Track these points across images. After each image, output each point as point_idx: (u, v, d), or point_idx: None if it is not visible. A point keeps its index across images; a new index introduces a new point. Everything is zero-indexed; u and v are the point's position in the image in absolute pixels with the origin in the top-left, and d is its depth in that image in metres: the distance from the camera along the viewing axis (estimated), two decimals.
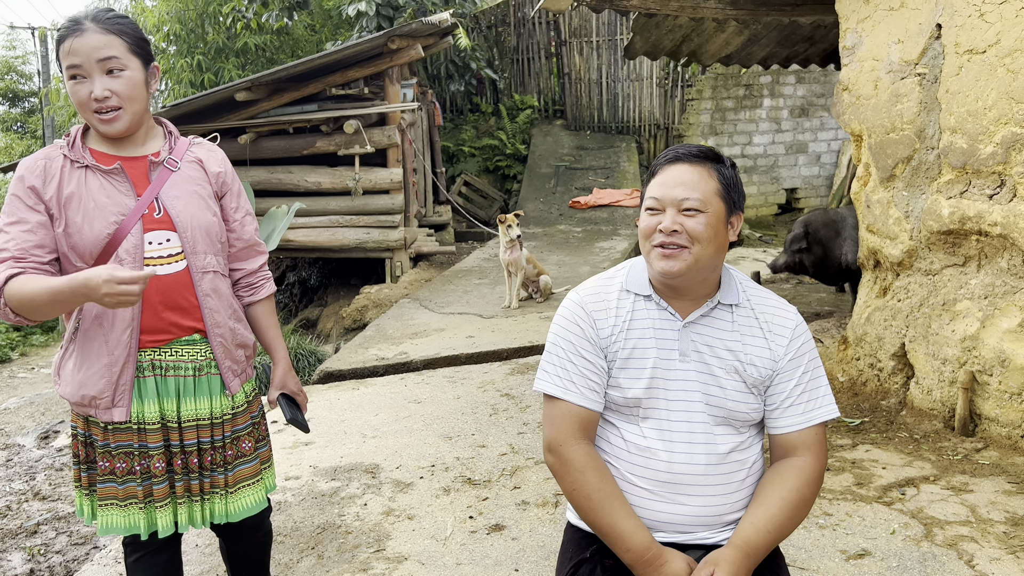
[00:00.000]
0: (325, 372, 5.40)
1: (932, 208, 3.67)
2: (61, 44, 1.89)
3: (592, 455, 1.74)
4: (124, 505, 1.98)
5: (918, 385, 3.81)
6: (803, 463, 1.73)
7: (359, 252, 8.65)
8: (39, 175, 1.91)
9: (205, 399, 2.02)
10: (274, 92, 8.12)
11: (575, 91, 13.72)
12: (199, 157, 2.10)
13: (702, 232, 1.67)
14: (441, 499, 3.39)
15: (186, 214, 1.99)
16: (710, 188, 1.70)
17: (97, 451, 1.99)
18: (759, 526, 1.67)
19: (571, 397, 1.75)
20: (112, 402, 1.93)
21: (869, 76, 3.99)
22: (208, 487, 2.04)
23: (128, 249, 1.91)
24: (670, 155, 1.74)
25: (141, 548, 2.08)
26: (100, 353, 1.92)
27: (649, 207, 1.73)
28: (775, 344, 1.74)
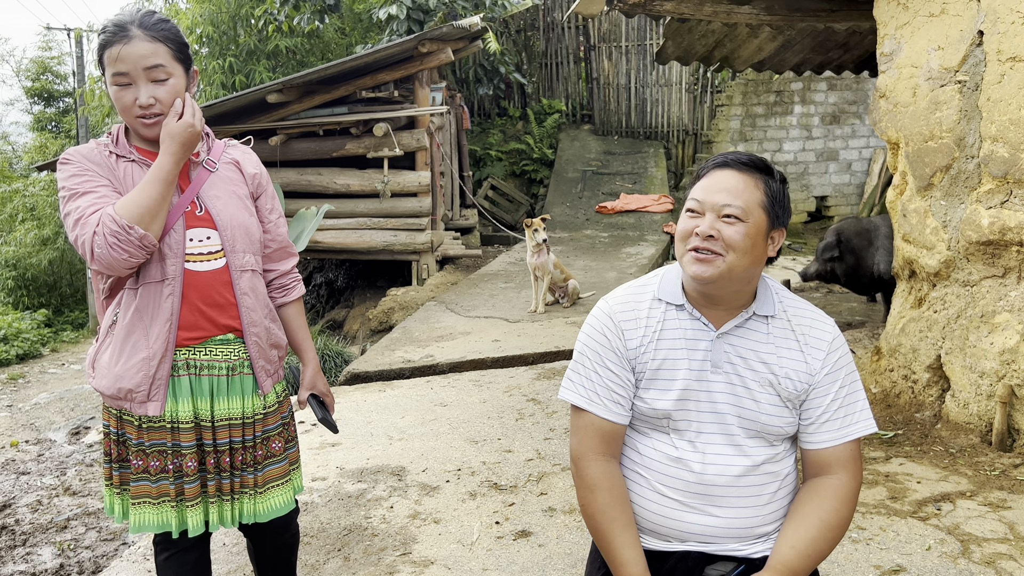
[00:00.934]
0: (352, 373, 5.42)
1: (971, 218, 3.59)
2: (107, 49, 1.90)
3: (606, 474, 1.73)
4: (157, 503, 1.99)
5: (954, 398, 3.74)
6: (840, 482, 1.69)
7: (386, 254, 8.69)
8: (96, 161, 1.96)
9: (237, 399, 2.03)
10: (305, 94, 8.19)
11: (603, 96, 13.69)
12: (235, 159, 2.13)
13: (739, 241, 1.63)
14: (467, 503, 3.38)
15: (226, 213, 2.02)
16: (754, 198, 1.66)
17: (131, 450, 1.99)
18: (800, 550, 1.63)
19: (595, 409, 1.74)
20: (148, 396, 1.94)
21: (907, 83, 3.93)
22: (238, 487, 2.05)
23: (171, 244, 1.93)
24: (719, 160, 1.71)
25: (171, 547, 2.09)
26: (139, 346, 1.94)
27: (690, 208, 1.70)
28: (811, 357, 1.70)
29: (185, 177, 2.01)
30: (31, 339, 12.14)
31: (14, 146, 24.09)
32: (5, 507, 4.07)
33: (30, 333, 12.40)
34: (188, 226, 1.97)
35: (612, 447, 1.76)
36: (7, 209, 17.05)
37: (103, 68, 1.92)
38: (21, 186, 17.60)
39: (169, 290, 1.93)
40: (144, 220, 1.85)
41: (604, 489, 1.71)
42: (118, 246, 1.84)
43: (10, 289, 15.38)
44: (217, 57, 11.82)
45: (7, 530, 3.77)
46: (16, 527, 3.81)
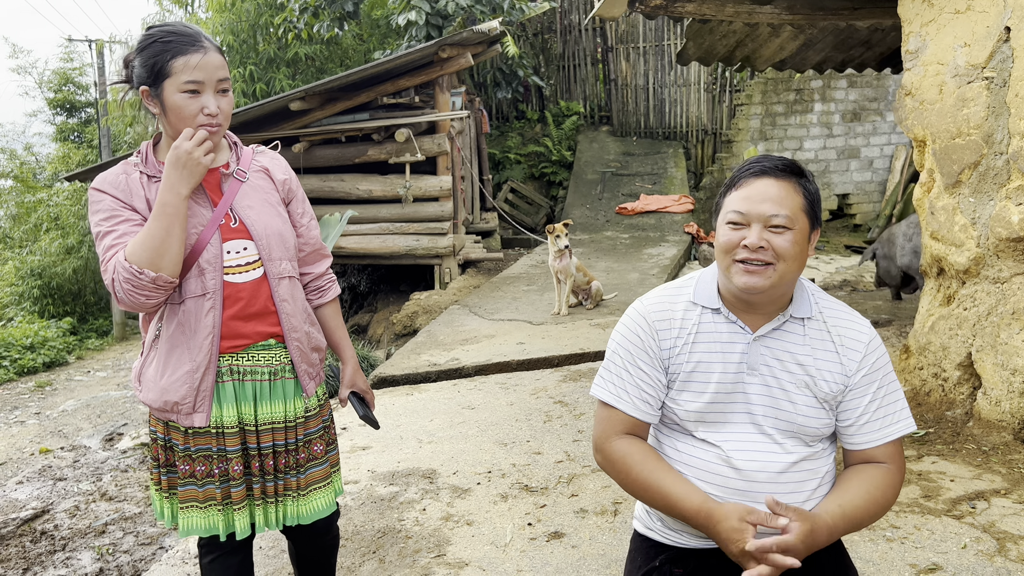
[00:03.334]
0: (379, 377, 5.46)
1: (1001, 215, 3.58)
2: (178, 57, 1.90)
3: (631, 444, 1.75)
4: (204, 507, 2.03)
5: (986, 396, 3.72)
6: (885, 467, 1.72)
7: (409, 259, 8.74)
8: (123, 190, 1.97)
9: (280, 403, 2.06)
10: (327, 101, 8.26)
11: (621, 97, 13.69)
12: (264, 166, 2.15)
13: (789, 250, 1.64)
14: (499, 505, 3.40)
15: (260, 223, 2.04)
16: (797, 204, 1.67)
17: (178, 455, 2.04)
18: (847, 511, 1.65)
19: (623, 406, 1.77)
20: (193, 407, 1.98)
21: (933, 80, 3.92)
22: (282, 489, 2.09)
23: (208, 259, 1.97)
24: (755, 168, 1.70)
25: (216, 549, 2.13)
26: (182, 360, 1.97)
27: (733, 221, 1.68)
28: (847, 359, 1.71)
29: (217, 190, 2.03)
30: (57, 347, 12.31)
31: (37, 157, 24.42)
32: (44, 512, 4.15)
33: (56, 341, 12.57)
34: (224, 239, 1.99)
35: (637, 433, 1.79)
36: (32, 219, 17.30)
37: (162, 76, 1.91)
38: (45, 196, 17.85)
39: (210, 304, 1.96)
40: (154, 261, 1.86)
41: (634, 452, 1.73)
42: (134, 292, 1.88)
43: (36, 298, 15.59)
44: (238, 66, 11.95)
45: (47, 535, 3.84)
46: (55, 532, 3.88)
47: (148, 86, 1.93)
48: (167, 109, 1.93)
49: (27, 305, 15.63)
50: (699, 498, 1.66)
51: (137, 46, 1.95)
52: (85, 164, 17.29)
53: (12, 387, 9.86)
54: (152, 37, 1.93)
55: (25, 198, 18.03)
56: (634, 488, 1.74)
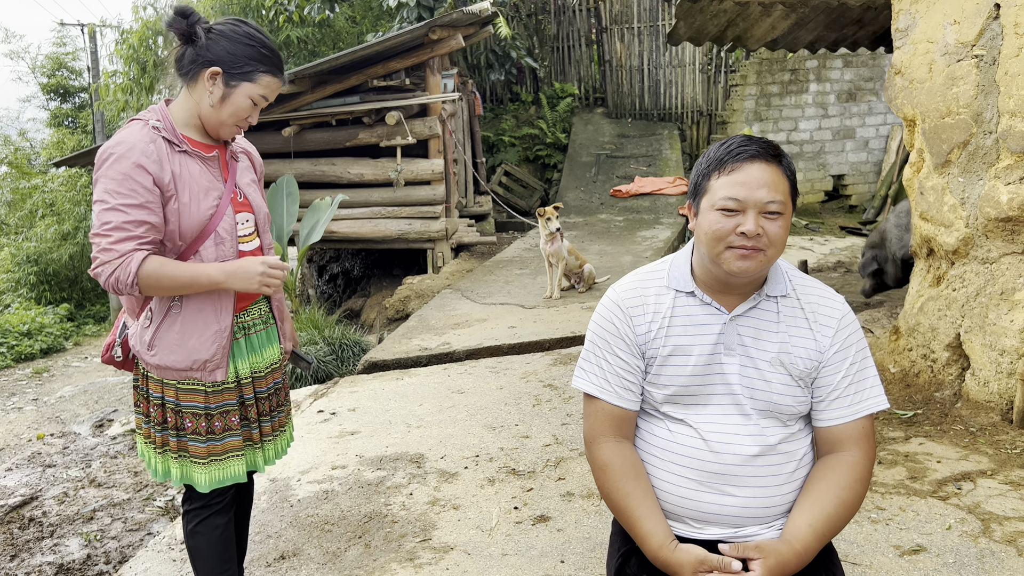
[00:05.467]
0: (369, 362, 5.45)
1: (990, 194, 3.55)
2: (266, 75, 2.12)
3: (616, 453, 1.75)
4: (223, 459, 2.23)
5: (974, 377, 3.71)
6: (853, 459, 1.69)
7: (401, 243, 8.71)
8: (154, 160, 2.04)
9: (272, 346, 2.38)
10: (317, 84, 8.20)
11: (616, 78, 13.60)
12: (246, 150, 2.37)
13: (781, 235, 1.65)
14: (486, 489, 3.40)
15: (257, 199, 2.31)
16: (786, 188, 1.67)
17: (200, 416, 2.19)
18: (817, 528, 1.63)
19: (606, 396, 1.77)
20: (218, 364, 2.18)
21: (923, 59, 3.88)
22: (277, 426, 2.41)
23: (227, 228, 2.16)
24: (747, 152, 1.65)
25: (203, 511, 2.28)
26: (209, 322, 2.16)
27: (726, 208, 1.64)
28: (820, 335, 1.71)
29: (226, 167, 2.23)
30: (54, 333, 12.30)
31: (32, 142, 24.27)
32: (32, 499, 4.15)
33: (53, 328, 12.56)
34: (235, 211, 2.21)
35: (624, 430, 1.79)
36: (27, 205, 17.24)
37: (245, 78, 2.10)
38: (40, 182, 17.78)
39: None
40: (151, 289, 2.05)
41: (616, 467, 1.73)
42: (115, 287, 2.03)
43: (32, 284, 15.57)
44: None
45: (35, 522, 3.84)
46: (43, 519, 3.88)
47: (225, 72, 2.08)
48: (227, 102, 2.10)
49: (24, 292, 15.61)
50: (658, 541, 1.67)
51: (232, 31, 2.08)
52: (78, 149, 17.18)
53: (10, 374, 9.86)
54: (256, 39, 2.11)
55: (20, 184, 17.95)
56: (607, 501, 1.77)
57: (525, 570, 2.75)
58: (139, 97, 13.13)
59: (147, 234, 2.02)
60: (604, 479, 1.75)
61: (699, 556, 1.60)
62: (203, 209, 2.11)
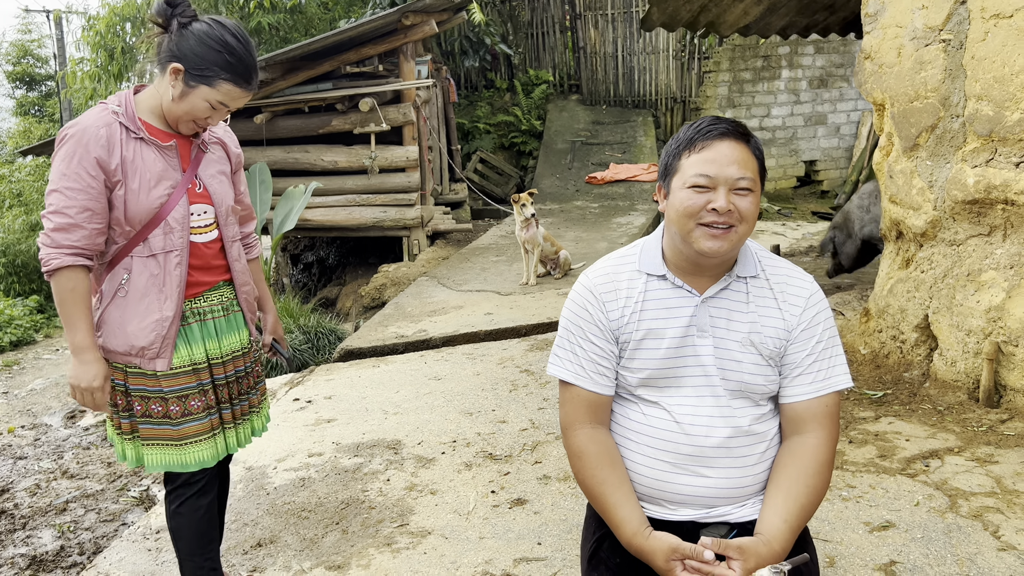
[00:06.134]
0: (346, 350, 5.43)
1: (957, 177, 3.61)
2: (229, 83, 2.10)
3: (592, 440, 1.76)
4: (180, 444, 2.23)
5: (942, 357, 3.78)
6: (818, 441, 1.70)
7: (376, 231, 8.66)
8: (103, 145, 2.05)
9: (235, 333, 2.36)
10: (289, 71, 8.11)
11: (590, 65, 13.60)
12: (221, 139, 2.37)
13: (751, 211, 1.66)
14: (463, 474, 3.41)
15: (220, 192, 2.29)
16: (755, 166, 1.68)
17: (150, 399, 2.21)
18: (791, 522, 1.64)
19: (581, 383, 1.78)
20: (158, 353, 2.18)
21: (892, 43, 3.92)
22: (247, 409, 2.42)
23: (177, 218, 2.16)
24: (715, 130, 1.67)
25: (185, 492, 2.30)
26: (151, 309, 2.16)
27: (698, 185, 1.65)
28: (788, 314, 1.72)
29: (187, 156, 2.22)
30: (24, 325, 12.08)
31: None
32: (3, 492, 4.09)
33: (23, 320, 12.34)
34: (190, 202, 2.20)
35: (599, 415, 1.80)
36: None
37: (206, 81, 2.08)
38: (7, 172, 17.43)
39: (177, 260, 2.17)
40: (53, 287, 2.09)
41: (591, 454, 1.74)
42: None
43: (1, 276, 15.29)
44: None
45: (6, 514, 3.79)
46: (15, 511, 3.83)
47: (187, 71, 2.07)
48: (184, 100, 2.10)
49: None
50: (632, 528, 1.67)
51: (206, 33, 2.06)
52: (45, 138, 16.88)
53: None
54: (225, 45, 2.08)
55: None
56: (583, 488, 1.78)
57: (502, 552, 2.77)
58: (107, 85, 12.90)
59: (87, 223, 2.04)
60: (580, 466, 1.76)
61: (672, 544, 1.61)
62: (153, 197, 2.11)
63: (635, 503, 1.71)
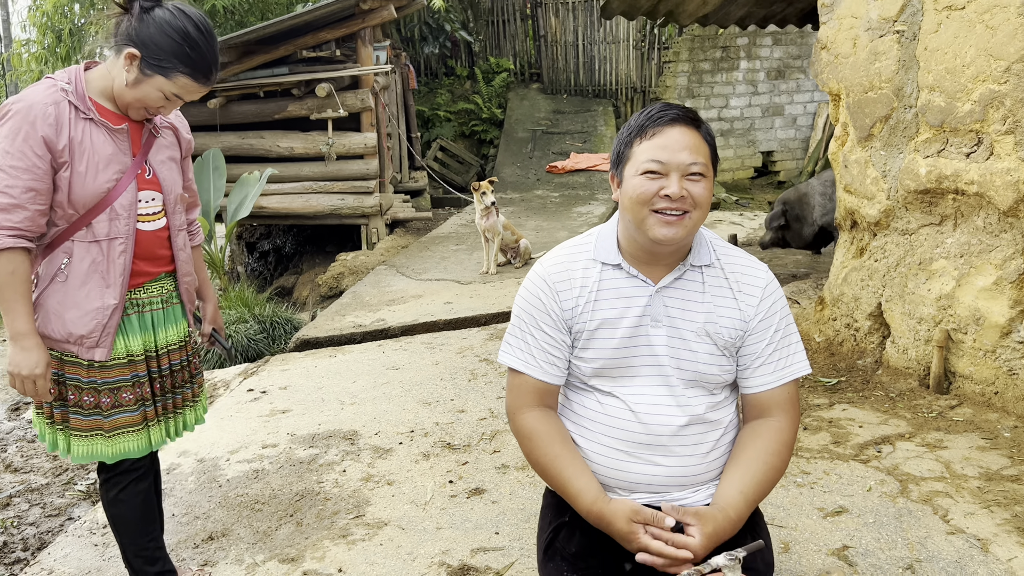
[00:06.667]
0: (302, 340, 5.35)
1: (909, 167, 3.66)
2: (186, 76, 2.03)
3: (540, 419, 1.76)
4: (110, 435, 2.18)
5: (894, 344, 3.84)
6: (779, 424, 1.73)
7: (334, 219, 8.54)
8: (51, 124, 1.97)
9: (173, 326, 2.31)
10: (244, 55, 7.93)
11: (551, 54, 13.57)
12: (173, 124, 2.30)
13: (704, 197, 1.65)
14: (420, 464, 3.38)
15: (169, 179, 2.23)
16: (707, 152, 1.68)
17: (83, 390, 2.15)
18: (748, 494, 1.66)
19: (531, 371, 1.78)
20: (97, 342, 2.11)
21: (848, 34, 3.96)
22: (180, 402, 2.37)
23: (124, 205, 2.09)
24: (665, 116, 1.67)
25: (123, 479, 2.27)
26: (92, 297, 2.09)
27: (650, 171, 1.64)
28: (745, 304, 1.73)
29: (139, 141, 2.15)
30: None
31: None
32: None
33: None
34: (139, 188, 2.13)
35: (547, 400, 1.81)
36: None
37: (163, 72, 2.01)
38: None
39: (122, 248, 2.10)
40: None
41: (542, 433, 1.75)
42: None
43: None
44: None
45: None
46: None
47: (143, 59, 2.00)
48: (138, 88, 2.03)
49: None
50: (591, 496, 1.67)
51: (168, 21, 1.99)
52: None
53: None
54: (187, 37, 2.00)
55: None
56: (536, 467, 1.77)
57: (460, 543, 2.75)
58: (54, 67, 12.50)
59: (31, 204, 1.96)
60: (531, 445, 1.75)
61: (634, 507, 1.62)
62: (100, 182, 2.04)
63: (590, 474, 1.72)
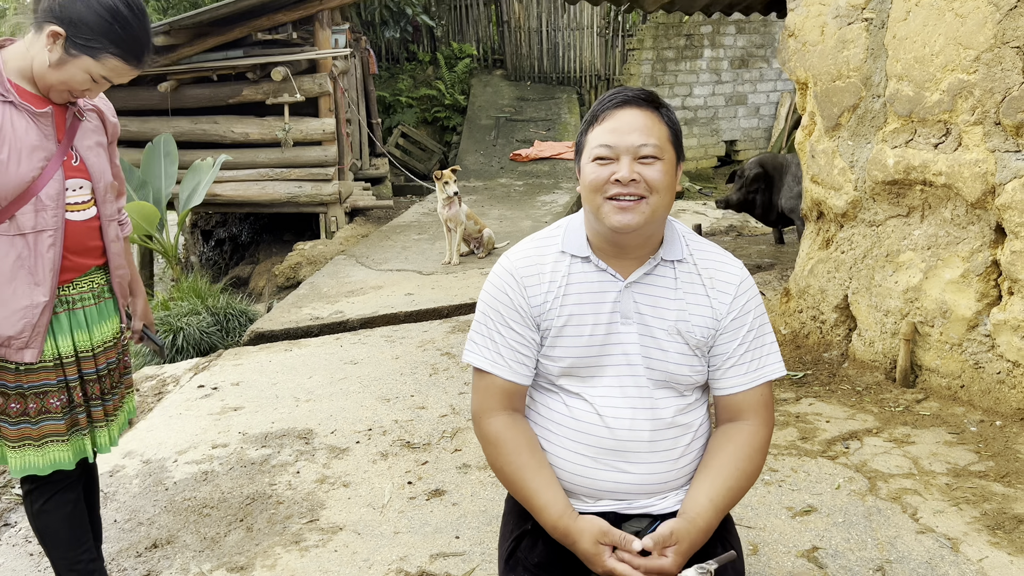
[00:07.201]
0: (256, 333, 5.16)
1: (877, 158, 3.60)
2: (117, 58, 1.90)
3: (508, 425, 1.67)
4: (40, 444, 2.05)
5: (860, 337, 3.80)
6: (753, 428, 1.66)
7: (291, 207, 8.31)
8: None
9: (107, 322, 2.18)
10: (196, 37, 7.65)
11: (515, 40, 13.41)
12: (97, 107, 2.16)
13: (660, 180, 1.56)
14: (378, 464, 3.25)
15: (98, 166, 2.09)
16: (663, 134, 1.59)
17: (8, 395, 2.01)
18: (717, 503, 1.60)
19: (499, 371, 1.68)
20: (27, 343, 1.98)
21: (816, 21, 3.89)
22: (111, 410, 2.22)
23: (51, 195, 1.95)
24: (616, 99, 1.61)
25: (49, 490, 2.13)
26: (19, 294, 1.95)
27: (600, 156, 1.58)
28: (717, 302, 1.66)
29: (62, 127, 2.00)
30: None
31: None
32: None
33: None
34: (66, 176, 1.99)
35: (515, 403, 1.71)
36: None
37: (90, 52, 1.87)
38: None
39: (51, 240, 1.96)
40: None
41: (508, 439, 1.65)
42: None
43: None
44: None
45: None
46: None
47: (68, 38, 1.85)
48: (63, 69, 1.89)
49: None
50: (558, 511, 1.59)
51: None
52: None
53: None
54: (117, 16, 1.86)
55: None
56: (500, 476, 1.68)
57: (418, 548, 2.64)
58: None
59: None
60: (496, 453, 1.66)
61: (602, 527, 1.54)
62: (24, 170, 1.89)
63: (558, 486, 1.63)
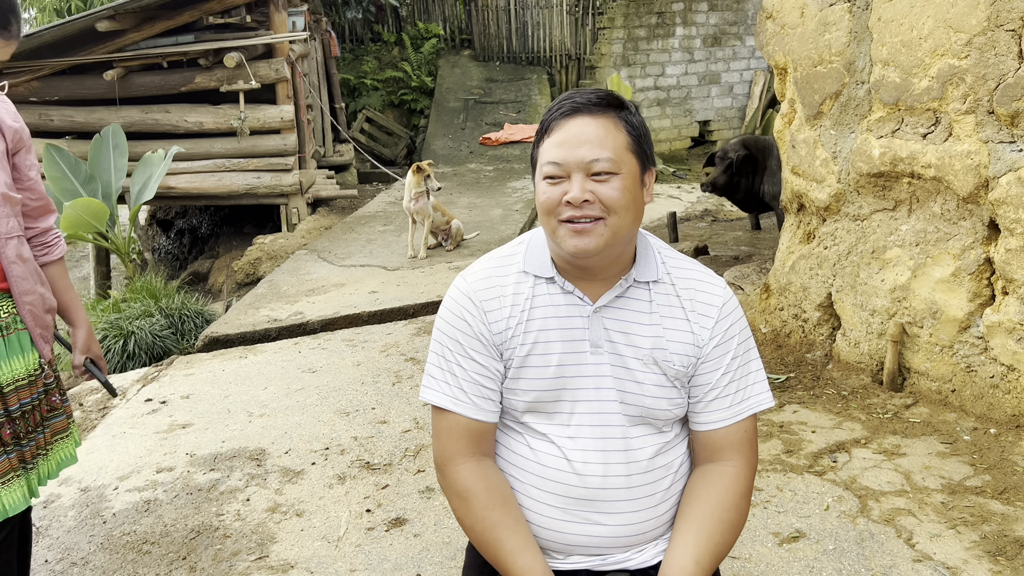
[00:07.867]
0: (211, 338, 4.88)
1: (862, 148, 3.40)
2: None
3: (478, 476, 1.45)
4: None
5: (845, 337, 3.61)
6: (735, 471, 1.47)
7: (250, 199, 7.98)
8: None
9: (18, 357, 1.96)
10: (143, 21, 7.26)
11: (482, 19, 13.06)
12: None
13: (618, 199, 1.35)
14: (335, 489, 3.02)
15: None
16: (620, 143, 1.36)
17: None
18: (704, 564, 1.40)
19: (462, 409, 1.45)
20: None
21: (795, 2, 3.66)
22: (36, 450, 2.02)
23: None
24: (565, 107, 1.38)
25: None
26: None
27: (549, 175, 1.37)
28: (699, 327, 1.45)
29: None
30: None
31: None
32: None
33: None
34: None
35: (483, 446, 1.49)
36: None
37: None
38: None
39: None
40: None
41: (479, 492, 1.44)
42: None
43: None
44: None
45: None
46: None
47: None
48: None
49: None
50: None
51: None
52: None
53: None
54: None
55: None
56: (471, 534, 1.46)
57: None
58: None
59: None
60: (467, 509, 1.44)
61: None
62: None
63: (536, 548, 1.42)
